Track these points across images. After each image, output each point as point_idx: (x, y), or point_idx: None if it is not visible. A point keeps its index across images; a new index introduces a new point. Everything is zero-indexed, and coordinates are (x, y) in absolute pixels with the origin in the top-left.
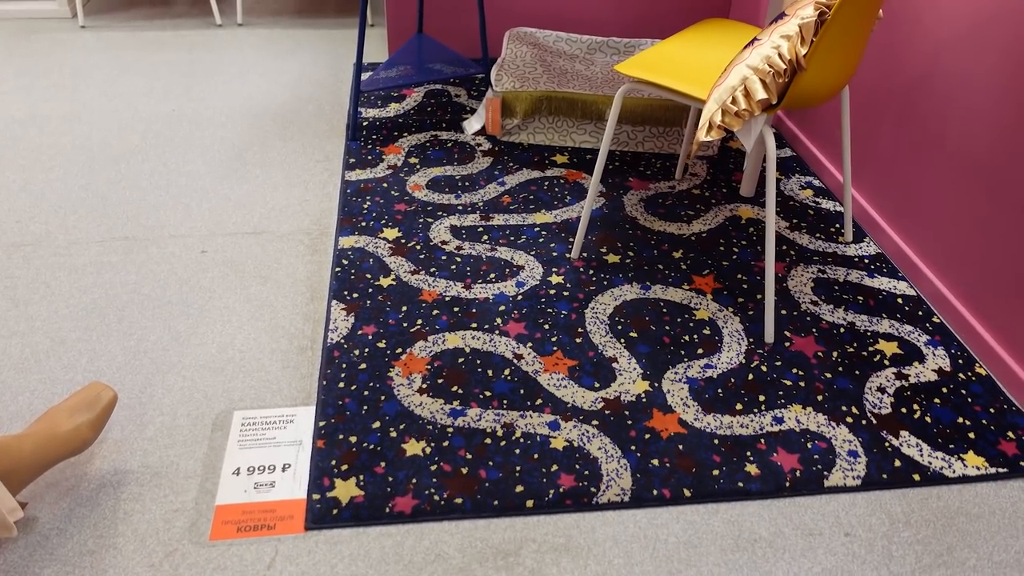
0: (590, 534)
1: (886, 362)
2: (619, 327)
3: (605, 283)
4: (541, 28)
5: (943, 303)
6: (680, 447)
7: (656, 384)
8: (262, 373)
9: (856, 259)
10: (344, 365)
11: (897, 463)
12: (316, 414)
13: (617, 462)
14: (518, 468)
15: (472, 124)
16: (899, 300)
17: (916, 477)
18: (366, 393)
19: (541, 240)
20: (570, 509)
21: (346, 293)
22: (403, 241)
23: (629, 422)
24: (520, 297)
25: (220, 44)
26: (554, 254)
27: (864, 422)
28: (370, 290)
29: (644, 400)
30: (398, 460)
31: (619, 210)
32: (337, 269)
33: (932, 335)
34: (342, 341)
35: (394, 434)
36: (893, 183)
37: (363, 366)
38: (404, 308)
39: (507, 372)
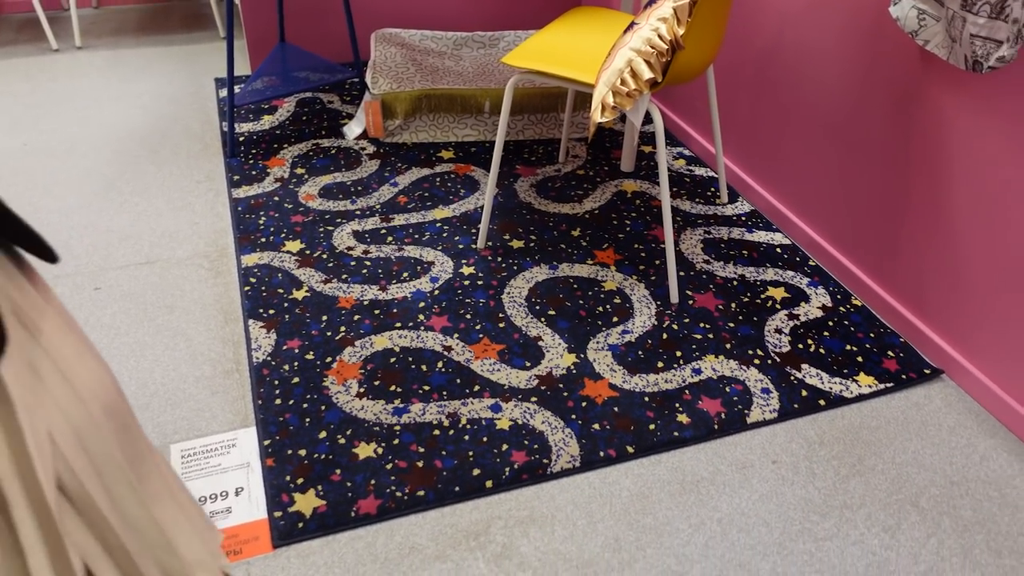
0: (551, 502)
1: (777, 306)
2: (537, 307)
3: (515, 268)
4: (404, 28)
5: (815, 247)
6: (616, 409)
7: (582, 355)
8: (191, 403)
9: (734, 218)
10: (276, 381)
11: (804, 393)
12: (258, 434)
13: (562, 432)
14: (471, 453)
15: (353, 129)
16: (778, 250)
17: (822, 402)
18: (305, 406)
19: (445, 235)
20: (528, 482)
21: (261, 311)
22: (308, 252)
23: (565, 394)
24: (437, 292)
25: (61, 70)
26: (460, 246)
27: (769, 361)
28: (285, 304)
29: (574, 371)
30: (352, 465)
31: (513, 197)
32: (246, 288)
33: (811, 277)
34: (268, 358)
35: (342, 441)
36: (757, 146)
37: (296, 380)
38: (324, 317)
39: (440, 365)
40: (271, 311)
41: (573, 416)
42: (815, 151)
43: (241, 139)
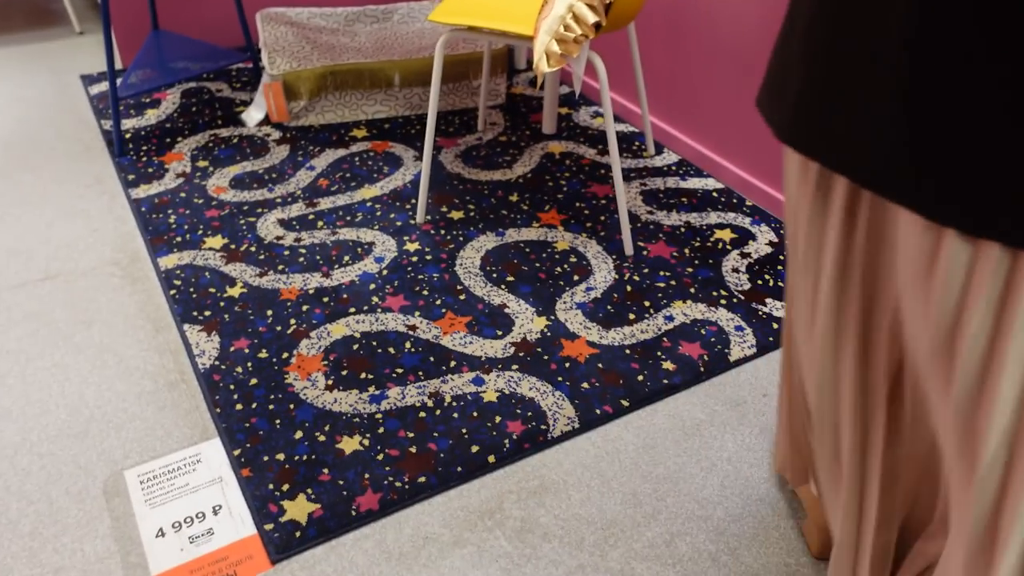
0: (558, 467)
1: (728, 247)
2: (494, 275)
3: (461, 238)
4: (289, 7)
5: (749, 188)
6: (600, 365)
7: (552, 317)
8: (137, 422)
9: (665, 168)
10: (232, 386)
11: (775, 325)
12: (225, 444)
13: (552, 395)
14: (464, 430)
15: (252, 115)
16: (714, 194)
17: None
18: (271, 407)
19: (378, 213)
20: (531, 451)
21: (195, 314)
22: (233, 246)
23: (545, 357)
24: (386, 271)
25: None
26: (398, 223)
27: (735, 300)
28: (221, 304)
29: (548, 334)
30: (340, 461)
31: (441, 169)
32: (172, 292)
33: (752, 216)
34: (216, 363)
35: (322, 438)
36: (677, 97)
37: (254, 381)
38: (269, 312)
39: (408, 345)
40: (207, 313)
41: (559, 378)
42: (737, 92)
43: (127, 136)
